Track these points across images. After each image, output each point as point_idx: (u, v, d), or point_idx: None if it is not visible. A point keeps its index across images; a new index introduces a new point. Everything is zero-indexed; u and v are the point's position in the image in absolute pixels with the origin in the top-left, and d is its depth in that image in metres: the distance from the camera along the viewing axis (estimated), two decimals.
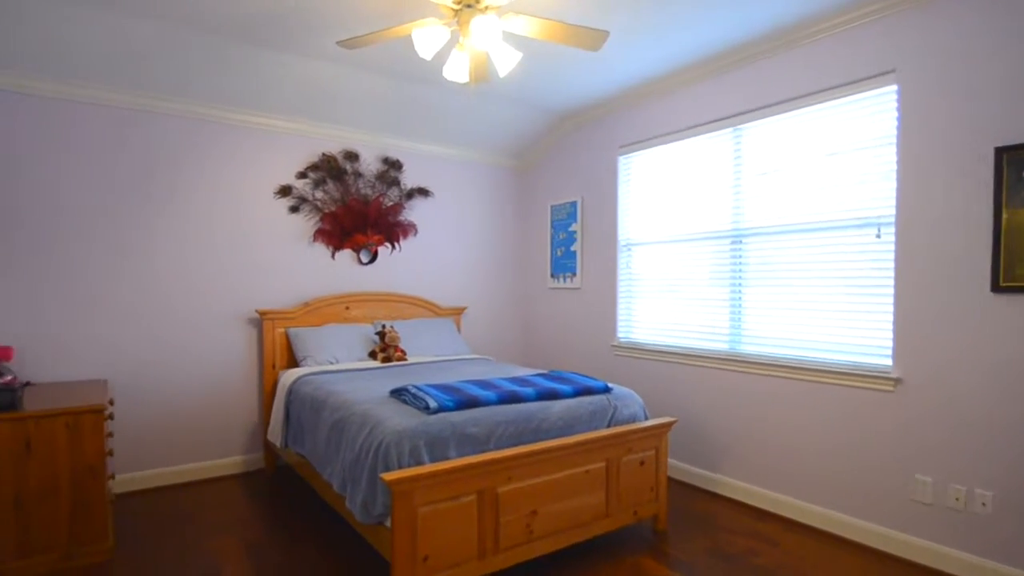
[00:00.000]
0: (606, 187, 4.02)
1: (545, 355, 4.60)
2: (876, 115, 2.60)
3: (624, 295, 3.92)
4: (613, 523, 2.49)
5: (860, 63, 2.61)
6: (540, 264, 4.67)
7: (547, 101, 3.93)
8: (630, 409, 2.69)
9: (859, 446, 2.62)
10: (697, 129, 3.37)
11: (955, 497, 2.31)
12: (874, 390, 2.57)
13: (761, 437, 3.03)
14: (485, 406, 2.33)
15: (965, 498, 2.28)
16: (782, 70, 2.93)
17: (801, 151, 2.89)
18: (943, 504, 2.35)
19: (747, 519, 2.86)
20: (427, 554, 1.97)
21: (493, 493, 2.13)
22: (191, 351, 3.41)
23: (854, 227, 2.68)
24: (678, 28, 2.80)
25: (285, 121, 3.67)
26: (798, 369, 2.85)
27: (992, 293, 2.21)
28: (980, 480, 2.25)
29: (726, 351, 3.22)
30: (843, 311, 2.72)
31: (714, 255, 3.32)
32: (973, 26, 2.26)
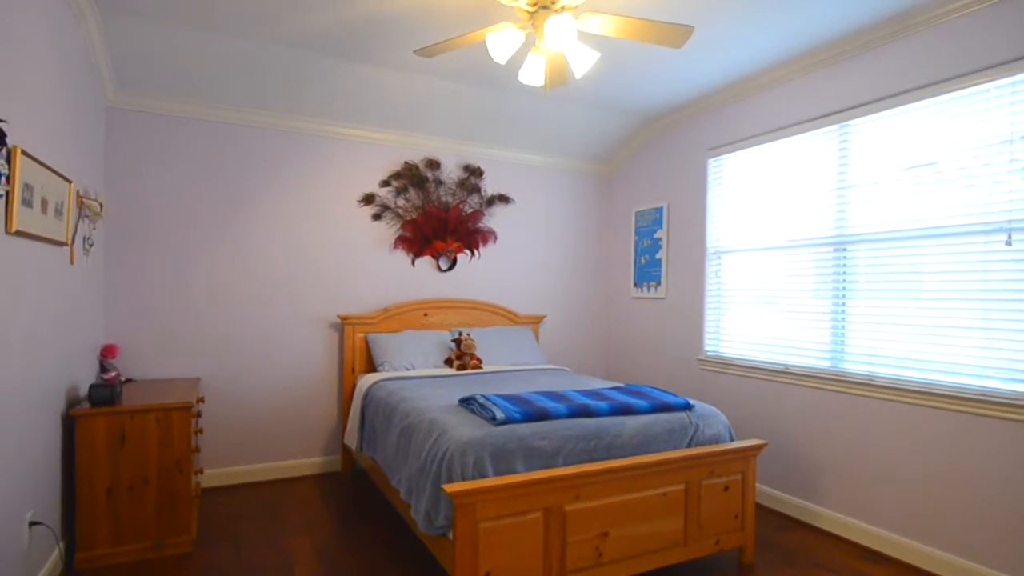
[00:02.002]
0: (694, 192, 3.79)
1: (626, 368, 4.42)
2: (1008, 106, 2.21)
3: (712, 306, 3.66)
4: (692, 552, 2.29)
5: (989, 48, 2.25)
6: (623, 272, 4.50)
7: (629, 103, 3.79)
8: (713, 429, 2.48)
9: (983, 481, 2.23)
10: (796, 128, 3.08)
11: None
12: (1010, 419, 2.17)
13: (865, 465, 2.68)
14: (555, 419, 2.24)
15: None
16: (898, 59, 2.59)
17: (918, 148, 2.53)
18: None
19: (846, 556, 2.53)
20: (488, 570, 1.91)
21: (561, 511, 2.03)
22: (277, 353, 3.61)
23: (980, 232, 2.31)
24: (769, 20, 2.57)
25: (368, 131, 3.82)
26: (910, 392, 2.48)
27: None
28: None
29: (827, 369, 2.89)
30: (965, 327, 2.34)
31: (814, 264, 3.01)
32: None
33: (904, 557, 2.50)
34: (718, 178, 3.64)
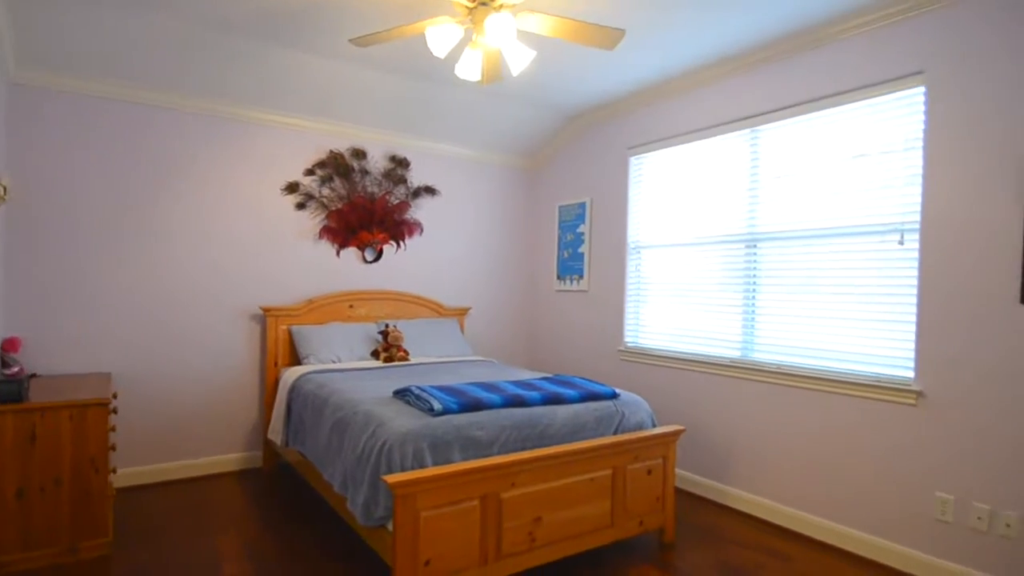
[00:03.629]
0: (616, 188, 3.96)
1: (549, 359, 4.55)
2: (902, 118, 2.53)
3: (632, 299, 3.86)
4: (618, 533, 2.42)
5: (886, 64, 2.55)
6: (547, 266, 4.61)
7: (557, 100, 3.89)
8: (637, 416, 2.63)
9: (877, 461, 2.55)
10: (712, 130, 3.31)
11: (977, 516, 2.23)
12: (894, 403, 2.49)
13: (773, 448, 2.96)
14: (490, 409, 2.28)
15: (988, 518, 2.20)
16: (804, 70, 2.86)
17: (821, 154, 2.83)
18: (965, 524, 2.27)
19: (757, 533, 2.79)
20: (429, 558, 1.91)
21: (496, 499, 2.07)
22: (194, 347, 3.37)
23: (876, 233, 2.61)
24: (694, 27, 2.75)
25: (293, 118, 3.64)
26: (813, 379, 2.78)
27: (1022, 305, 2.13)
28: (1005, 500, 2.17)
29: (738, 358, 3.16)
30: (863, 320, 2.65)
31: (727, 259, 3.26)
32: (1004, 27, 2.19)
33: (807, 531, 2.79)
34: (638, 176, 3.83)
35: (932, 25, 2.39)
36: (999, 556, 2.17)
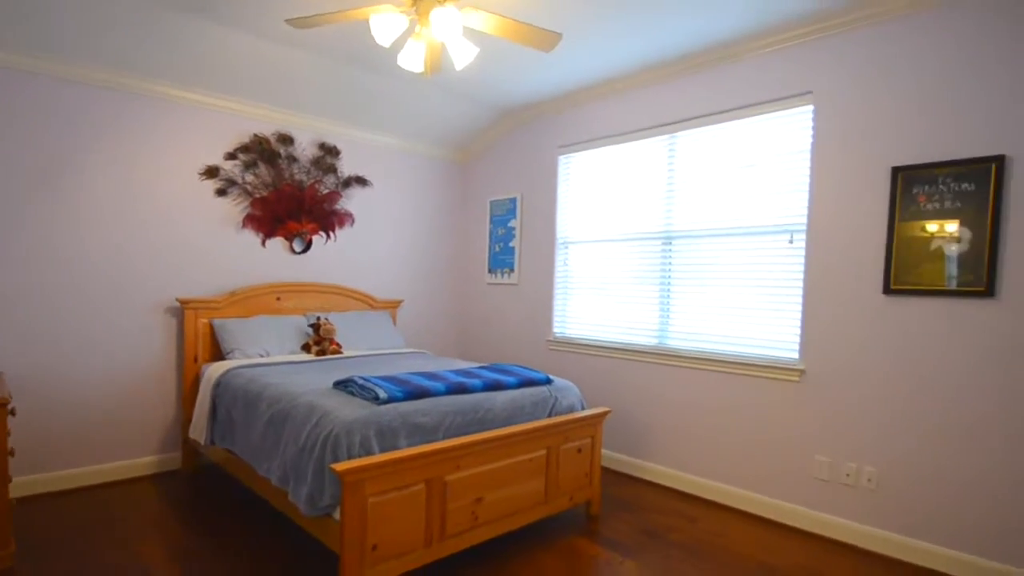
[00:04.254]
0: (546, 185, 4.14)
1: (481, 350, 4.67)
2: (794, 132, 2.90)
3: (560, 292, 4.07)
4: (551, 508, 2.60)
5: (782, 83, 2.90)
6: (478, 259, 4.72)
7: (490, 97, 3.99)
8: (569, 400, 2.83)
9: (768, 431, 2.93)
10: (635, 134, 3.57)
11: (846, 474, 2.65)
12: (783, 381, 2.88)
13: (684, 425, 3.29)
14: (434, 396, 2.36)
15: (855, 475, 2.63)
16: (714, 84, 3.18)
17: (727, 160, 3.16)
18: (837, 480, 2.69)
19: (670, 500, 3.10)
20: (376, 543, 1.97)
21: (441, 482, 2.17)
22: (100, 343, 3.13)
23: (771, 233, 2.98)
24: (621, 36, 2.97)
25: (214, 97, 3.46)
26: (718, 362, 3.12)
27: (884, 295, 2.56)
28: (867, 459, 2.60)
29: (655, 346, 3.46)
30: (759, 309, 3.02)
31: (646, 255, 3.55)
32: (876, 58, 2.59)
33: (711, 496, 3.14)
34: (567, 173, 4.04)
35: (820, 51, 2.77)
36: (863, 505, 2.60)
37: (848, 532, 2.63)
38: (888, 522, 2.53)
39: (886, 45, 2.56)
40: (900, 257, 2.49)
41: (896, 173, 2.51)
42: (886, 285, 2.53)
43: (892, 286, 2.51)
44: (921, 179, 2.44)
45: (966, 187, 2.33)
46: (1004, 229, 2.26)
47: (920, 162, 2.45)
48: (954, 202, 2.36)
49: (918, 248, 2.44)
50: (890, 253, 2.52)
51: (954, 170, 2.36)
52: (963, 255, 2.34)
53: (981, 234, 2.29)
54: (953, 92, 2.38)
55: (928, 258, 2.42)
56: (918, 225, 2.44)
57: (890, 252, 2.52)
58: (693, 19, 2.75)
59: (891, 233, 2.52)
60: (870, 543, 2.57)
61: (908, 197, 2.47)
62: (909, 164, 2.48)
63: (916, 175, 2.45)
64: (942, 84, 2.41)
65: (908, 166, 2.47)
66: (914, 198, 2.45)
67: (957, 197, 2.35)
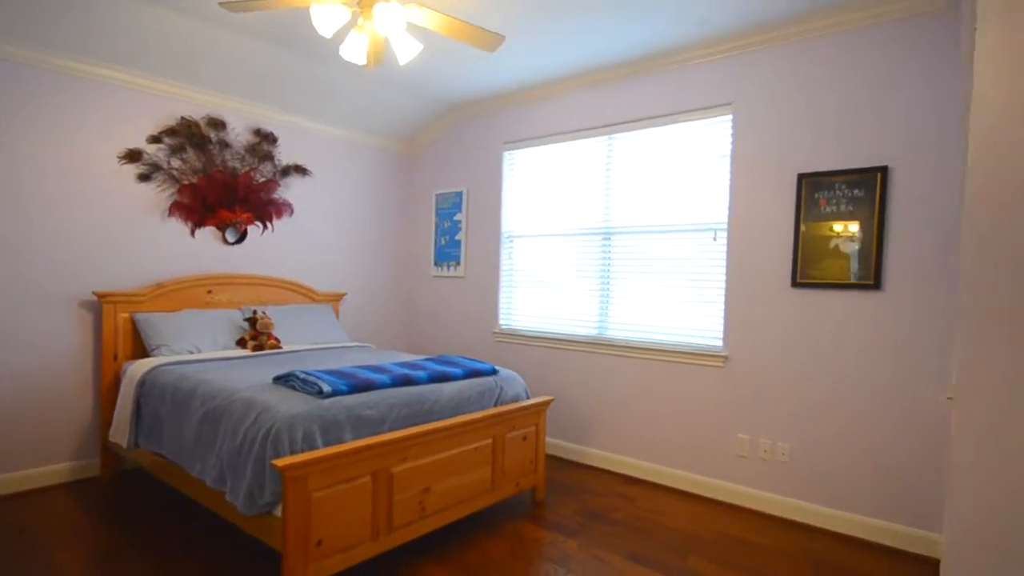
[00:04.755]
0: (491, 180, 4.17)
1: (427, 343, 4.64)
2: (717, 138, 3.09)
3: (506, 285, 4.12)
4: (498, 495, 2.65)
5: (706, 94, 3.10)
6: (424, 252, 4.68)
7: (436, 90, 3.96)
8: (514, 390, 2.88)
9: (697, 413, 3.12)
10: (577, 133, 3.66)
11: (764, 450, 2.88)
12: (709, 366, 3.07)
13: (622, 411, 3.43)
14: (380, 389, 2.34)
15: (771, 450, 2.86)
16: (648, 91, 3.32)
17: (660, 162, 3.31)
18: (756, 456, 2.91)
19: (611, 483, 3.23)
20: (321, 538, 1.94)
21: (388, 473, 2.16)
22: (3, 340, 2.86)
23: (698, 231, 3.17)
24: (564, 41, 3.03)
25: (136, 76, 3.23)
26: (652, 351, 3.28)
27: (791, 288, 2.81)
28: (782, 436, 2.83)
29: (595, 336, 3.57)
30: (688, 301, 3.20)
31: (587, 250, 3.65)
32: (787, 75, 2.82)
33: (648, 477, 3.30)
34: (512, 169, 4.08)
35: (740, 66, 2.97)
36: (778, 478, 2.83)
37: (767, 503, 2.86)
38: (801, 492, 2.77)
39: (796, 64, 2.80)
40: (805, 254, 2.76)
41: (801, 179, 2.76)
42: (794, 279, 2.79)
43: (799, 280, 2.77)
44: (822, 185, 2.71)
45: (857, 193, 2.62)
46: (887, 230, 2.55)
47: (821, 170, 2.72)
48: (848, 206, 2.64)
49: (820, 246, 2.71)
50: (797, 250, 2.78)
51: (847, 178, 2.64)
52: (857, 252, 2.62)
53: (870, 234, 2.58)
54: (849, 109, 2.66)
55: (828, 255, 2.69)
56: (820, 226, 2.71)
57: (796, 250, 2.78)
58: (629, 28, 2.86)
59: (797, 233, 2.78)
60: (786, 511, 2.80)
61: (811, 201, 2.74)
62: (812, 171, 2.74)
63: (817, 181, 2.72)
64: (841, 102, 2.68)
65: (811, 173, 2.74)
66: (816, 202, 2.72)
67: (851, 202, 2.63)
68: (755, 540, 2.56)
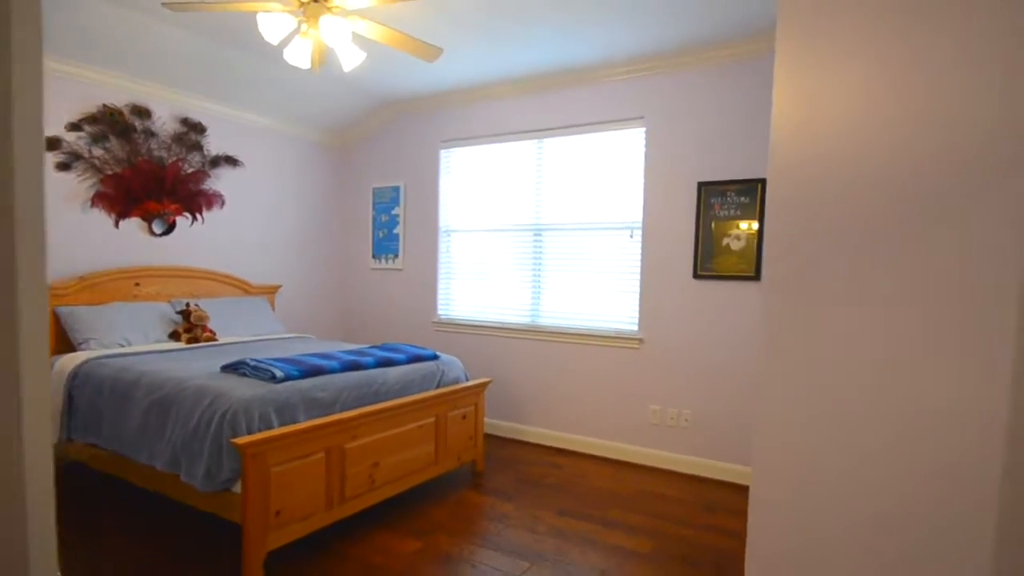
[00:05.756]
0: (428, 176, 4.34)
1: (366, 333, 4.74)
2: (633, 146, 3.48)
3: (444, 276, 4.32)
4: (441, 468, 2.88)
5: (622, 107, 3.50)
6: (362, 245, 4.77)
7: (372, 86, 4.06)
8: (454, 373, 3.12)
9: (616, 389, 3.52)
10: (509, 136, 3.93)
11: (671, 417, 3.34)
12: (627, 348, 3.47)
13: (553, 391, 3.76)
14: (330, 374, 2.49)
15: (677, 417, 3.32)
16: (574, 101, 3.66)
17: (585, 166, 3.66)
18: (664, 424, 3.36)
19: (543, 455, 3.55)
20: (279, 509, 2.09)
21: (340, 450, 2.33)
22: None
23: (617, 228, 3.55)
24: (501, 50, 3.27)
25: (54, 61, 3.11)
26: (578, 335, 3.64)
27: (693, 279, 3.28)
28: (685, 405, 3.30)
29: (528, 323, 3.88)
30: (609, 290, 3.59)
31: (520, 244, 3.94)
32: (689, 95, 3.27)
33: (574, 447, 3.67)
34: (449, 166, 4.28)
35: (650, 85, 3.40)
36: (682, 440, 3.31)
37: (675, 462, 3.32)
38: (702, 451, 3.25)
39: (693, 87, 3.26)
40: (703, 250, 3.24)
41: (700, 186, 3.23)
42: (695, 271, 3.27)
43: (699, 272, 3.26)
44: (716, 192, 3.18)
45: (744, 200, 3.11)
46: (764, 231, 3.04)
47: (715, 179, 3.20)
48: (737, 210, 3.13)
49: (714, 244, 3.19)
50: (697, 247, 3.25)
51: (736, 187, 3.13)
52: (742, 250, 3.11)
53: (752, 235, 3.08)
54: (739, 128, 3.14)
55: (721, 252, 3.18)
56: (714, 227, 3.19)
57: (697, 247, 3.25)
58: (556, 45, 3.18)
59: (697, 232, 3.25)
60: (691, 468, 3.27)
61: (708, 205, 3.21)
62: (708, 180, 3.22)
63: (713, 189, 3.20)
64: (732, 121, 3.15)
65: (708, 182, 3.22)
66: (711, 206, 3.20)
67: (739, 207, 3.12)
68: (664, 492, 2.97)
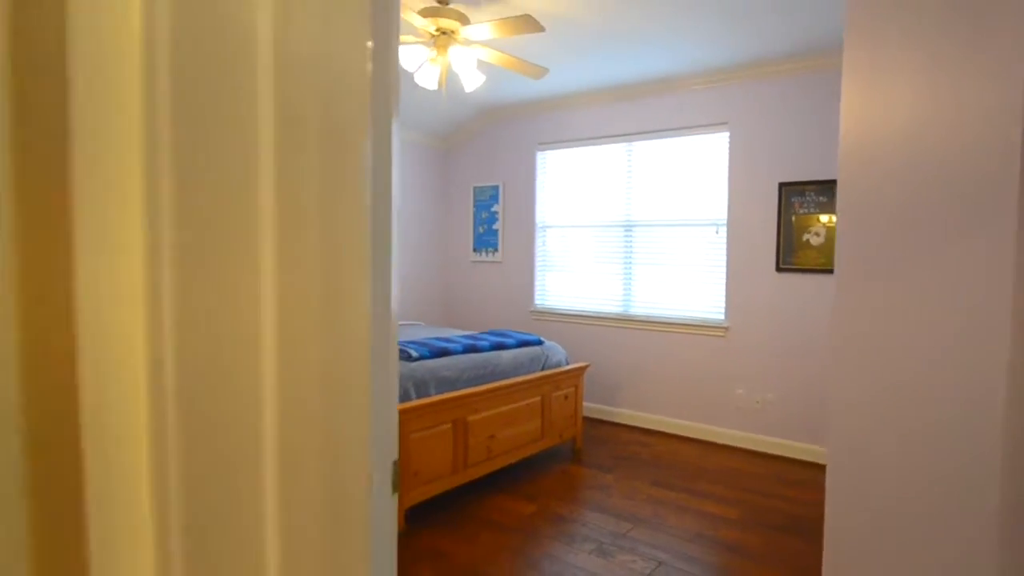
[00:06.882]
0: (526, 176, 4.68)
1: (467, 320, 5.20)
2: (717, 149, 3.67)
3: (540, 268, 4.66)
4: (545, 444, 3.23)
5: (707, 114, 3.70)
6: (463, 239, 5.21)
7: (478, 97, 4.44)
8: (557, 357, 3.45)
9: (703, 375, 3.73)
10: (601, 139, 4.17)
11: (756, 400, 3.53)
12: (713, 336, 3.68)
13: (643, 375, 4.00)
14: (453, 355, 2.91)
15: (763, 401, 3.52)
16: (661, 108, 3.87)
17: (672, 167, 3.85)
18: (749, 407, 3.56)
19: (634, 435, 3.81)
20: (417, 470, 2.53)
21: (464, 422, 2.74)
22: None
23: (703, 225, 3.74)
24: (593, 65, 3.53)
25: None
26: (667, 324, 3.86)
27: (776, 272, 3.44)
28: (768, 389, 3.49)
29: (620, 313, 4.12)
30: (696, 283, 3.81)
31: (612, 239, 4.18)
32: (770, 102, 3.43)
33: (664, 429, 3.89)
34: (544, 167, 4.59)
35: (734, 92, 3.58)
36: (766, 421, 3.49)
37: (756, 442, 3.52)
38: (780, 431, 3.44)
39: (777, 94, 3.43)
40: (784, 246, 3.39)
41: (781, 187, 3.39)
42: (777, 265, 3.44)
43: (780, 266, 3.42)
44: (796, 192, 3.34)
45: (822, 199, 3.25)
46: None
47: (795, 180, 3.35)
48: (815, 209, 3.27)
49: (795, 240, 3.35)
50: (779, 243, 3.41)
51: (815, 187, 3.28)
52: (821, 245, 3.26)
53: (831, 232, 3.19)
54: (816, 133, 3.28)
55: (801, 247, 3.34)
56: (795, 224, 3.34)
57: (778, 242, 3.41)
58: (643, 61, 3.45)
59: (779, 229, 3.41)
60: (770, 448, 3.47)
61: (788, 204, 3.36)
62: (788, 181, 3.37)
63: (793, 189, 3.36)
64: (809, 127, 3.31)
65: (788, 182, 3.37)
66: (792, 205, 3.35)
67: (817, 205, 3.27)
68: (747, 469, 3.20)
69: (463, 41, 2.69)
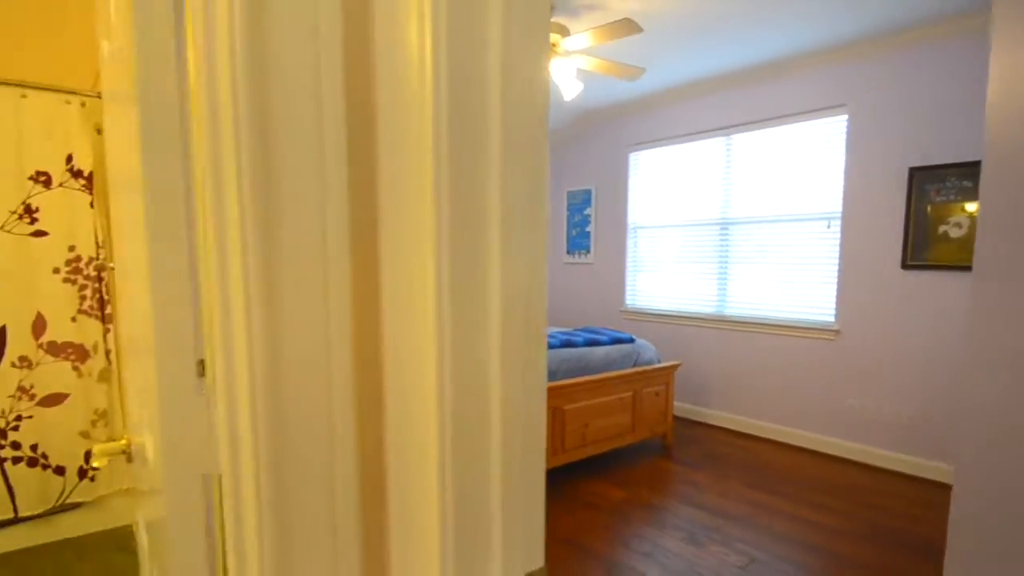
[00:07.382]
0: (618, 178, 4.80)
1: (562, 319, 5.42)
2: (831, 135, 3.48)
3: (631, 269, 4.76)
4: (637, 437, 3.36)
5: (821, 96, 3.49)
6: (557, 242, 5.44)
7: (572, 102, 4.64)
8: (648, 354, 3.56)
9: (809, 380, 3.60)
10: (697, 135, 4.19)
11: (870, 411, 3.33)
12: (821, 339, 3.53)
13: (739, 377, 3.97)
14: (552, 349, 3.13)
15: (876, 412, 3.31)
16: (765, 95, 3.76)
17: (776, 158, 3.76)
18: (862, 417, 3.37)
19: (728, 437, 3.82)
20: None
21: (561, 410, 2.95)
22: None
23: (811, 220, 3.60)
24: (686, 56, 3.58)
25: None
26: (767, 325, 3.78)
27: (902, 270, 3.19)
28: (885, 400, 3.25)
29: (714, 313, 4.13)
30: (801, 282, 3.66)
31: (706, 238, 4.19)
32: (898, 78, 3.15)
33: (761, 433, 3.84)
34: (636, 168, 4.68)
35: (853, 71, 3.35)
36: (877, 434, 3.29)
37: (868, 454, 3.31)
38: (901, 446, 3.19)
39: (906, 68, 3.13)
40: (915, 240, 3.11)
41: (912, 172, 3.11)
42: (904, 261, 3.17)
43: (908, 262, 3.15)
44: (933, 177, 3.04)
45: (966, 184, 2.93)
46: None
47: (931, 164, 3.05)
48: (957, 196, 2.96)
49: (929, 232, 3.07)
50: (907, 237, 3.15)
51: (958, 171, 2.95)
52: (962, 238, 2.95)
53: (974, 222, 2.88)
54: (957, 108, 2.96)
55: (937, 240, 3.04)
56: (930, 213, 3.05)
57: (907, 236, 3.15)
58: (749, 41, 3.34)
59: (908, 221, 3.14)
60: (884, 462, 3.25)
61: (921, 191, 3.08)
62: (922, 165, 3.08)
63: (928, 174, 3.05)
64: (948, 102, 2.98)
65: (921, 166, 3.08)
66: (926, 193, 3.06)
67: (959, 192, 2.95)
68: (848, 479, 3.06)
69: (563, 53, 2.89)
